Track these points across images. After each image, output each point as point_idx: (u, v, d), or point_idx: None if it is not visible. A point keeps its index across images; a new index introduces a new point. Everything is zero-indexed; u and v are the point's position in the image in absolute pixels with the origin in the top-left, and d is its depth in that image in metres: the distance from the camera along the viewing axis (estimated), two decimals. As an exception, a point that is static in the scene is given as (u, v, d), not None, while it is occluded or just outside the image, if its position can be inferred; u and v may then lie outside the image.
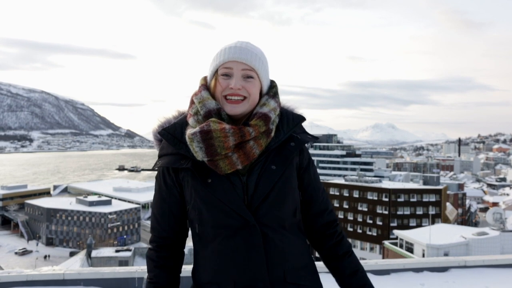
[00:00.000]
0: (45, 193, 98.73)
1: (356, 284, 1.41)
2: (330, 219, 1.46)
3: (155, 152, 1.46)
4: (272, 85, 1.44)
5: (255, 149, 1.30)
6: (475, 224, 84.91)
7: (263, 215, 1.30)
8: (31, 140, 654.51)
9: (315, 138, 1.45)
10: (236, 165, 1.28)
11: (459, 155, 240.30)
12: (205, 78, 1.43)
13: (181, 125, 1.37)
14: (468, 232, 37.30)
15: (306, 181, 1.43)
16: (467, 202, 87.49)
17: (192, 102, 1.39)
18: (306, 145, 1.42)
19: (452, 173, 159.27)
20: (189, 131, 1.31)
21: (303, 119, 1.44)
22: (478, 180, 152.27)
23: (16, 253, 64.41)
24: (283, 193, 1.33)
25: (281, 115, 1.41)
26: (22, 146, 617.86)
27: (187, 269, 1.36)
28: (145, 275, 3.41)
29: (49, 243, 71.34)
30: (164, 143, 1.40)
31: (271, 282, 1.28)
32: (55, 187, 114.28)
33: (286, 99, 1.49)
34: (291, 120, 1.41)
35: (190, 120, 1.36)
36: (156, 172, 1.44)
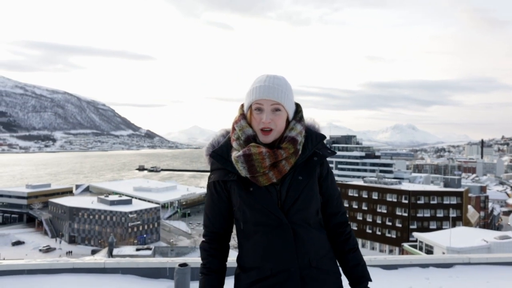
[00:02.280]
0: (68, 192, 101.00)
1: (356, 275, 1.80)
2: (341, 220, 1.85)
3: (173, 152, 1.93)
4: (298, 110, 1.82)
5: (286, 167, 1.69)
6: (498, 228, 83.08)
7: (293, 215, 1.69)
8: (54, 140, 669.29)
9: (333, 153, 1.88)
10: (272, 179, 1.67)
11: (481, 157, 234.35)
12: (242, 107, 1.81)
13: (226, 147, 1.77)
14: (490, 235, 36.75)
15: (324, 188, 1.82)
16: (490, 205, 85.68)
17: (233, 129, 1.78)
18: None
19: (474, 175, 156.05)
20: (234, 154, 1.70)
21: (324, 137, 1.84)
22: (501, 183, 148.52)
23: (40, 250, 66.24)
24: (308, 198, 1.72)
25: (307, 134, 1.79)
26: (46, 146, 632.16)
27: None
28: (176, 265, 3.83)
29: (72, 241, 73.03)
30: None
31: (299, 267, 1.66)
32: (77, 187, 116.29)
33: (305, 100, 1.91)
34: (315, 139, 1.80)
35: (234, 144, 1.75)
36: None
